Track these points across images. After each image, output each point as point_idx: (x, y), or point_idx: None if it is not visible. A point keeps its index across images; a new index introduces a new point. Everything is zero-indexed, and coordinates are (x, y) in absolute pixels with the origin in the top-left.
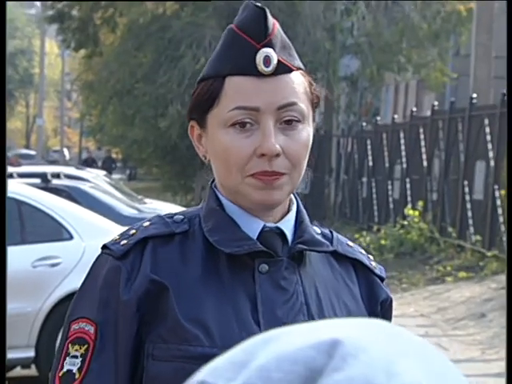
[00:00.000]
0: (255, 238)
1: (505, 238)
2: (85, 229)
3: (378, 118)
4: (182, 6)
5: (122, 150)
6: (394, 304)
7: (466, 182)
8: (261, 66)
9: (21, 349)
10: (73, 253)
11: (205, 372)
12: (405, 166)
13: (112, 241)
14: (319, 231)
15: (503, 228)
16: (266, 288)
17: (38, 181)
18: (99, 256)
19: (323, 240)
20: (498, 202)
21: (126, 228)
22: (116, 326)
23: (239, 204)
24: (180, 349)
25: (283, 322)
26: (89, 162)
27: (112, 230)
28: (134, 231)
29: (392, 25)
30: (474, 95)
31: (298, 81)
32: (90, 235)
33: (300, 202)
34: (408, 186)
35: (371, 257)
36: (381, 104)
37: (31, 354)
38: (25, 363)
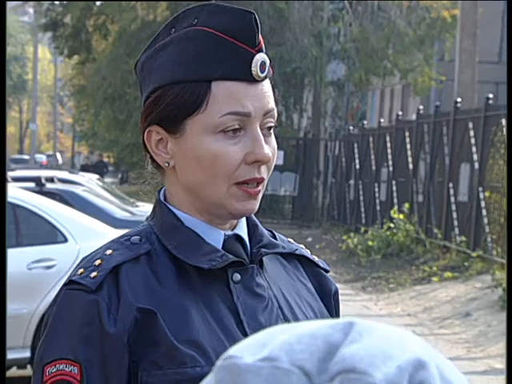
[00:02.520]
0: (220, 247)
1: (489, 239)
2: (79, 231)
3: (365, 122)
4: (173, 12)
5: (114, 153)
6: (382, 304)
7: (451, 184)
8: (257, 72)
9: (17, 349)
10: (67, 255)
11: (231, 350)
12: (391, 168)
13: (77, 275)
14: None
15: (487, 229)
16: (244, 297)
17: (32, 185)
18: (66, 293)
19: (276, 241)
20: (483, 204)
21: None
22: (102, 362)
23: (201, 215)
24: (178, 372)
25: (267, 328)
26: (86, 168)
27: (105, 233)
28: (98, 261)
29: (378, 31)
30: (459, 99)
31: (270, 86)
32: (84, 238)
33: None
34: (394, 188)
35: (308, 251)
36: (367, 108)
37: (27, 354)
38: (21, 363)
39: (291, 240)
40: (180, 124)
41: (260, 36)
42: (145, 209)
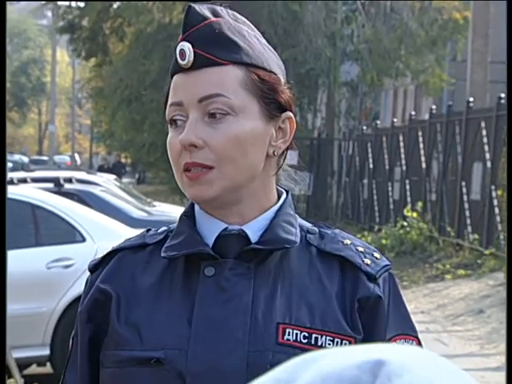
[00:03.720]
0: (212, 240)
1: (502, 237)
2: (97, 231)
3: (378, 122)
4: None
5: (131, 154)
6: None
7: (463, 183)
8: (179, 60)
9: (36, 347)
10: (85, 254)
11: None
12: (404, 167)
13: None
14: (317, 231)
15: (500, 227)
16: (207, 289)
17: (50, 185)
18: None
19: (291, 238)
20: (495, 202)
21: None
22: (78, 337)
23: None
24: (115, 354)
25: (217, 321)
26: (103, 169)
27: (123, 232)
28: (113, 245)
29: (391, 32)
30: (471, 99)
31: (228, 74)
32: (102, 237)
33: (290, 201)
34: (407, 187)
35: (376, 254)
36: (380, 108)
37: (46, 352)
38: (40, 361)
39: (346, 241)
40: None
41: (192, 26)
42: (161, 208)
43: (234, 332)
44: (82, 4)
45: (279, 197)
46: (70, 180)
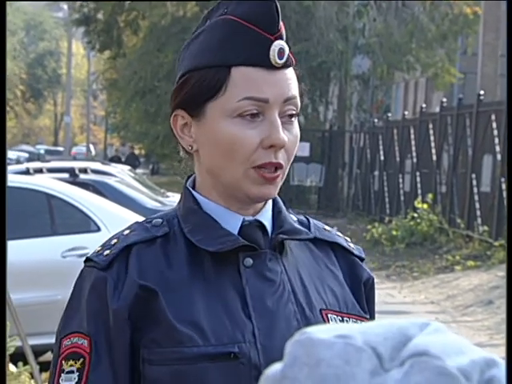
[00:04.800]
0: (236, 233)
1: (505, 227)
2: (111, 221)
3: (389, 115)
4: (202, 8)
5: (145, 145)
6: (406, 292)
7: (473, 175)
8: (275, 58)
9: (52, 335)
10: (100, 244)
11: (306, 329)
12: (415, 160)
13: (94, 253)
14: (295, 219)
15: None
16: (253, 281)
17: (66, 175)
18: (82, 270)
19: (302, 228)
20: (505, 194)
21: None
22: (108, 336)
23: (223, 199)
24: (175, 351)
25: (273, 312)
26: (115, 160)
27: None
28: (115, 241)
29: (402, 26)
30: (482, 92)
31: (294, 76)
32: (116, 227)
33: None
34: (418, 179)
35: (348, 239)
36: (391, 101)
37: None
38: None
39: (327, 227)
40: (201, 108)
41: (281, 24)
42: (175, 199)
43: (290, 321)
44: None
45: None
46: (85, 170)
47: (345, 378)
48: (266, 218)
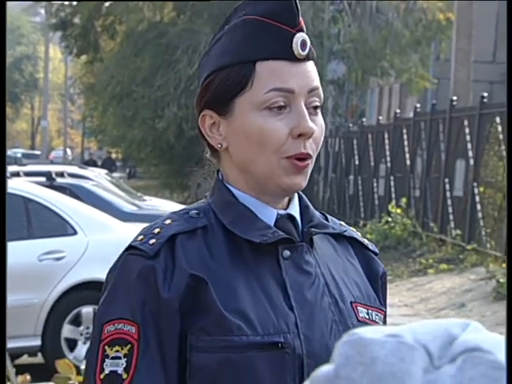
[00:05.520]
0: (272, 225)
1: (484, 232)
2: (88, 224)
3: (364, 120)
4: (179, 13)
5: (122, 149)
6: None
7: (446, 180)
8: (297, 50)
9: (28, 338)
10: (77, 247)
11: (355, 330)
12: (389, 164)
13: (138, 241)
14: (318, 214)
15: (482, 223)
16: (292, 273)
17: (43, 179)
18: (126, 257)
19: (327, 222)
20: (477, 199)
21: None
22: (157, 324)
23: (256, 193)
24: (224, 339)
25: (312, 303)
26: (90, 164)
27: (113, 226)
28: (158, 229)
29: (376, 32)
30: (454, 98)
31: (315, 69)
32: (93, 230)
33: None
34: (392, 183)
35: (359, 234)
36: (366, 106)
37: (38, 342)
38: (32, 351)
39: (343, 223)
40: (229, 104)
41: (300, 18)
42: (151, 203)
43: (326, 313)
44: (74, 2)
45: None
46: (61, 174)
47: (401, 375)
48: (295, 212)
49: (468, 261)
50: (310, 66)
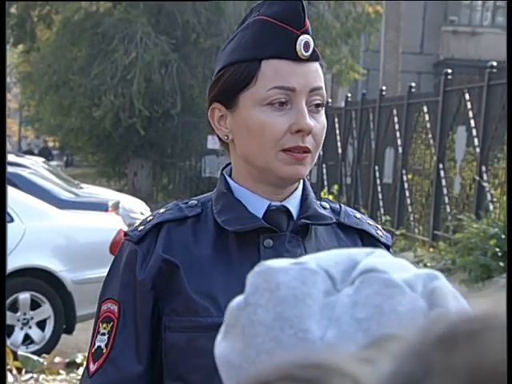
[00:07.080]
0: (261, 216)
1: (412, 218)
2: (25, 212)
3: None
4: (115, 3)
5: (59, 138)
6: None
7: (376, 167)
8: (301, 51)
9: None
10: (13, 234)
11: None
12: (321, 152)
13: (133, 228)
14: (328, 206)
15: (410, 209)
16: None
17: None
18: (123, 242)
19: (327, 214)
20: (406, 186)
21: (64, 211)
22: (134, 304)
23: (258, 185)
24: (191, 320)
25: None
26: (28, 153)
27: (51, 213)
28: (151, 218)
29: None
30: (384, 88)
31: (320, 69)
32: (30, 218)
33: (307, 180)
34: (324, 171)
35: (379, 226)
36: None
37: None
38: None
39: (358, 215)
40: (234, 99)
41: (307, 20)
42: (89, 190)
43: None
44: None
45: None
46: None
47: (302, 297)
48: (293, 203)
49: (397, 246)
50: (314, 66)
